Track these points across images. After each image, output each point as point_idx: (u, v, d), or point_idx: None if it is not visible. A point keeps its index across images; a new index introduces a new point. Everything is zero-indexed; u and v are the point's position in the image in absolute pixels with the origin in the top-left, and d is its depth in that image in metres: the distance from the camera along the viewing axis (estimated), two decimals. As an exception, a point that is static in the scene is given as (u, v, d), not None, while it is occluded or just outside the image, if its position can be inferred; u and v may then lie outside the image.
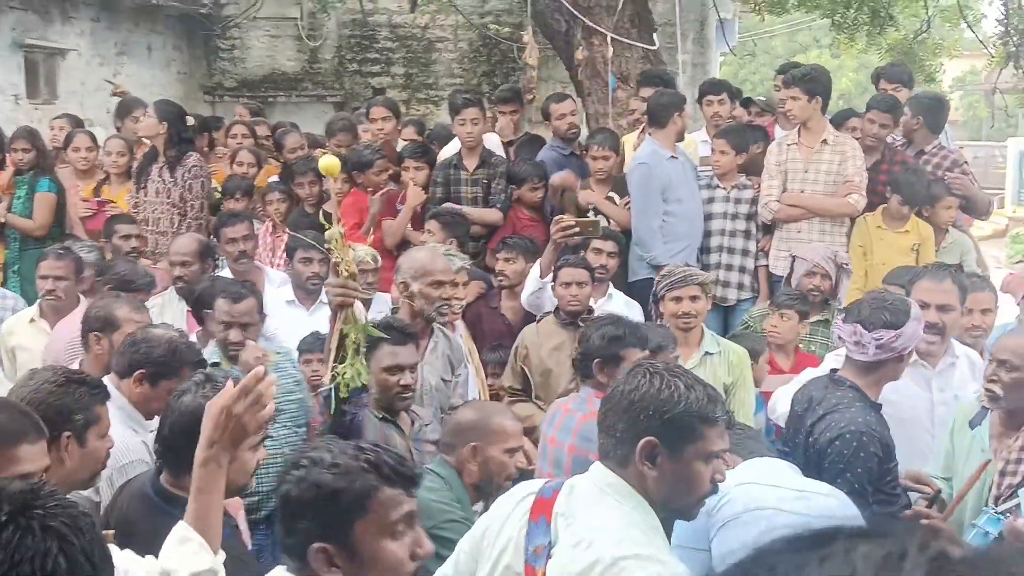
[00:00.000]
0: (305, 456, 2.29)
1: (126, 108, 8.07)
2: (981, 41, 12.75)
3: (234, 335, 4.48)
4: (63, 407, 2.99)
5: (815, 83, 6.49)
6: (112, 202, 7.20)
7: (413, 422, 4.13)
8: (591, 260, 5.83)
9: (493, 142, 7.33)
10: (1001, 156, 28.03)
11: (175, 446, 2.99)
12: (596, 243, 5.93)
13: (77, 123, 8.35)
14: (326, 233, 3.49)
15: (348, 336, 3.45)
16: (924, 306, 4.11)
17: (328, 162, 3.59)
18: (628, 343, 4.04)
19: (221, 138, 8.75)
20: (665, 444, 2.42)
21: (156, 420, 3.42)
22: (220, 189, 7.31)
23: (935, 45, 13.25)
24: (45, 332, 5.35)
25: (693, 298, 4.92)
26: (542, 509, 2.55)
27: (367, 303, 4.75)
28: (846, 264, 5.94)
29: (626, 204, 6.64)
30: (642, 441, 2.41)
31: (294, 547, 2.23)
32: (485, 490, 3.52)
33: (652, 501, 2.46)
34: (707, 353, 4.94)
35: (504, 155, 7.29)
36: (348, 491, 2.18)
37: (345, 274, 3.46)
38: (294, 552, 2.24)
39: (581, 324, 5.15)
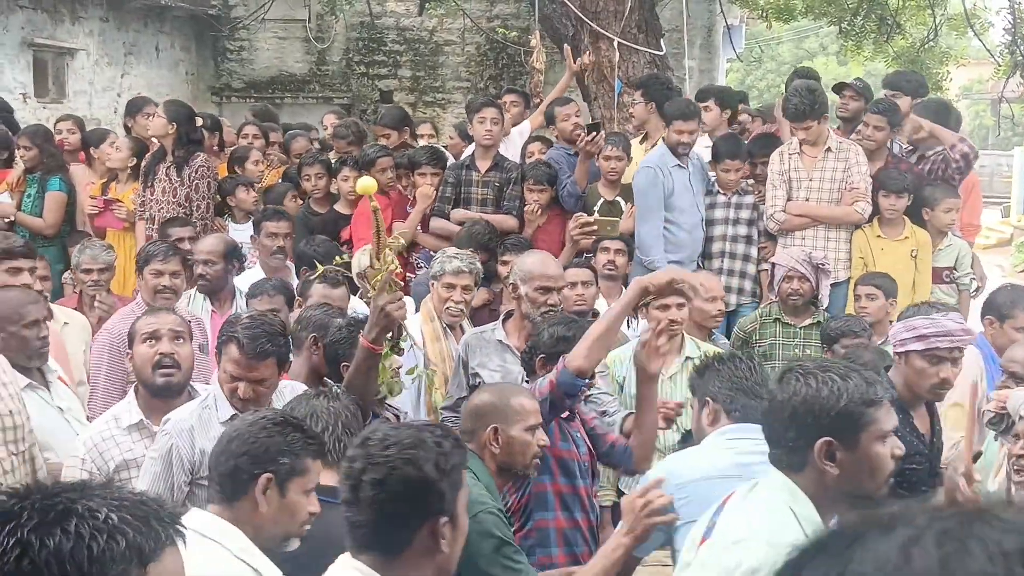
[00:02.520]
0: (410, 440, 2.38)
1: (135, 107, 8.10)
2: (988, 50, 12.75)
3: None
4: (271, 446, 2.72)
5: (821, 103, 6.46)
6: (119, 201, 7.23)
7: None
8: (599, 259, 5.88)
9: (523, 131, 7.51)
10: (1007, 165, 28.03)
11: None
12: (603, 242, 5.95)
13: (81, 124, 8.37)
14: (373, 262, 3.63)
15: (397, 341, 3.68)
16: None
17: (365, 184, 3.68)
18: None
19: (230, 138, 8.79)
20: (840, 439, 2.44)
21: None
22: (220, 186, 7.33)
23: (942, 53, 13.26)
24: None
25: (679, 305, 4.89)
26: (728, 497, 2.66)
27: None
28: (822, 264, 5.95)
29: (631, 211, 6.64)
30: (817, 444, 2.43)
31: (402, 529, 2.35)
32: (509, 472, 3.48)
33: (833, 497, 2.47)
34: (688, 358, 4.95)
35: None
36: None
37: (395, 290, 3.62)
38: (400, 533, 2.35)
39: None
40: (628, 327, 5.45)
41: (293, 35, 15.87)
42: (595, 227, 6.07)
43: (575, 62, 7.89)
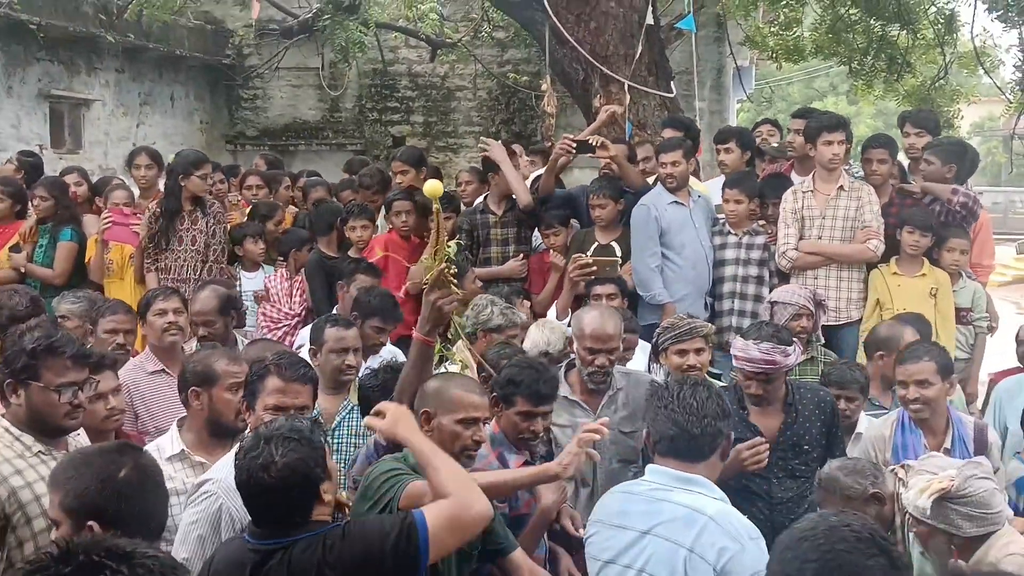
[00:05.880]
0: None
1: (131, 158, 8.16)
2: (999, 87, 12.78)
3: (350, 359, 4.75)
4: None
5: (850, 128, 6.58)
6: (139, 215, 7.13)
7: None
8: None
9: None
10: (1020, 202, 28.00)
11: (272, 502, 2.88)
12: (596, 289, 5.90)
13: (86, 175, 8.42)
14: (428, 262, 3.73)
15: (457, 335, 3.83)
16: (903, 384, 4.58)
17: (432, 187, 3.76)
18: (521, 392, 3.96)
19: (235, 186, 8.85)
20: None
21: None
22: (231, 235, 7.32)
23: (953, 91, 13.23)
24: None
25: (698, 351, 4.85)
26: None
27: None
28: (823, 300, 5.92)
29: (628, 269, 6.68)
30: None
31: None
32: None
33: None
34: None
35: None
36: None
37: (452, 283, 3.67)
38: None
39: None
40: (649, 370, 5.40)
41: (306, 83, 16.02)
42: (594, 267, 6.02)
43: (603, 114, 7.85)
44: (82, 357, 3.54)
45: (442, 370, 4.07)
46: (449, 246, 3.70)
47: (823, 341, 6.01)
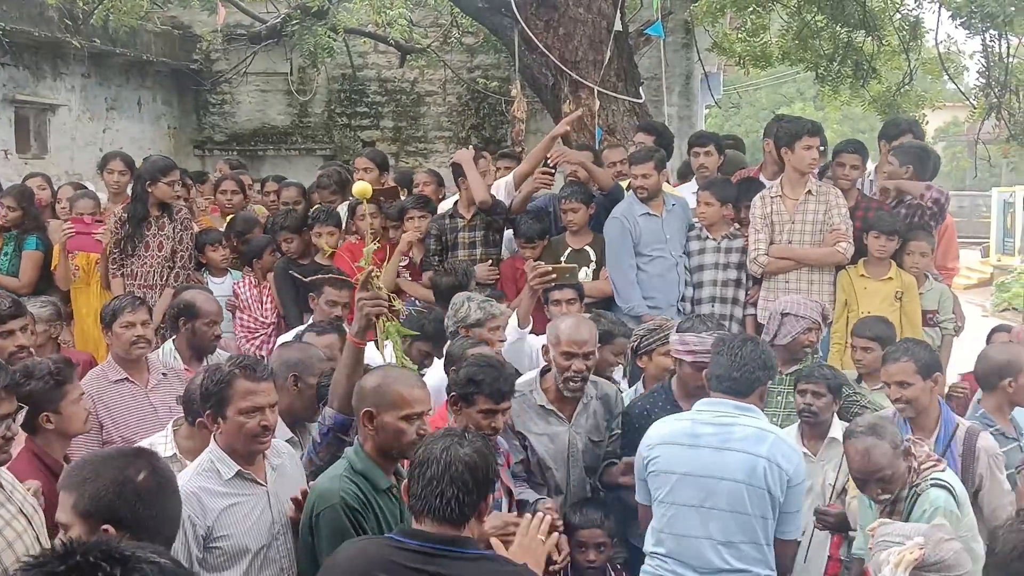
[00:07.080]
0: None
1: (104, 162, 8.08)
2: (963, 93, 12.91)
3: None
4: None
5: (824, 133, 6.66)
6: (102, 223, 7.08)
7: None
8: (552, 312, 5.72)
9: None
10: (985, 206, 28.33)
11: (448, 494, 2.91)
12: (554, 294, 5.86)
13: (49, 181, 8.35)
14: (364, 252, 3.79)
15: (391, 336, 3.87)
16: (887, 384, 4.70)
17: (360, 187, 3.99)
18: (483, 391, 3.98)
19: (207, 191, 8.79)
20: None
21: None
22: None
23: (918, 97, 13.33)
24: None
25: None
26: None
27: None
28: (829, 315, 5.96)
29: (604, 275, 6.71)
30: None
31: None
32: (391, 457, 3.47)
33: None
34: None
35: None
36: None
37: (379, 287, 3.76)
38: None
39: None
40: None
41: (275, 88, 15.93)
42: (554, 275, 6.05)
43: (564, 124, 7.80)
44: (14, 386, 3.26)
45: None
46: (368, 248, 3.78)
47: (821, 354, 6.01)
